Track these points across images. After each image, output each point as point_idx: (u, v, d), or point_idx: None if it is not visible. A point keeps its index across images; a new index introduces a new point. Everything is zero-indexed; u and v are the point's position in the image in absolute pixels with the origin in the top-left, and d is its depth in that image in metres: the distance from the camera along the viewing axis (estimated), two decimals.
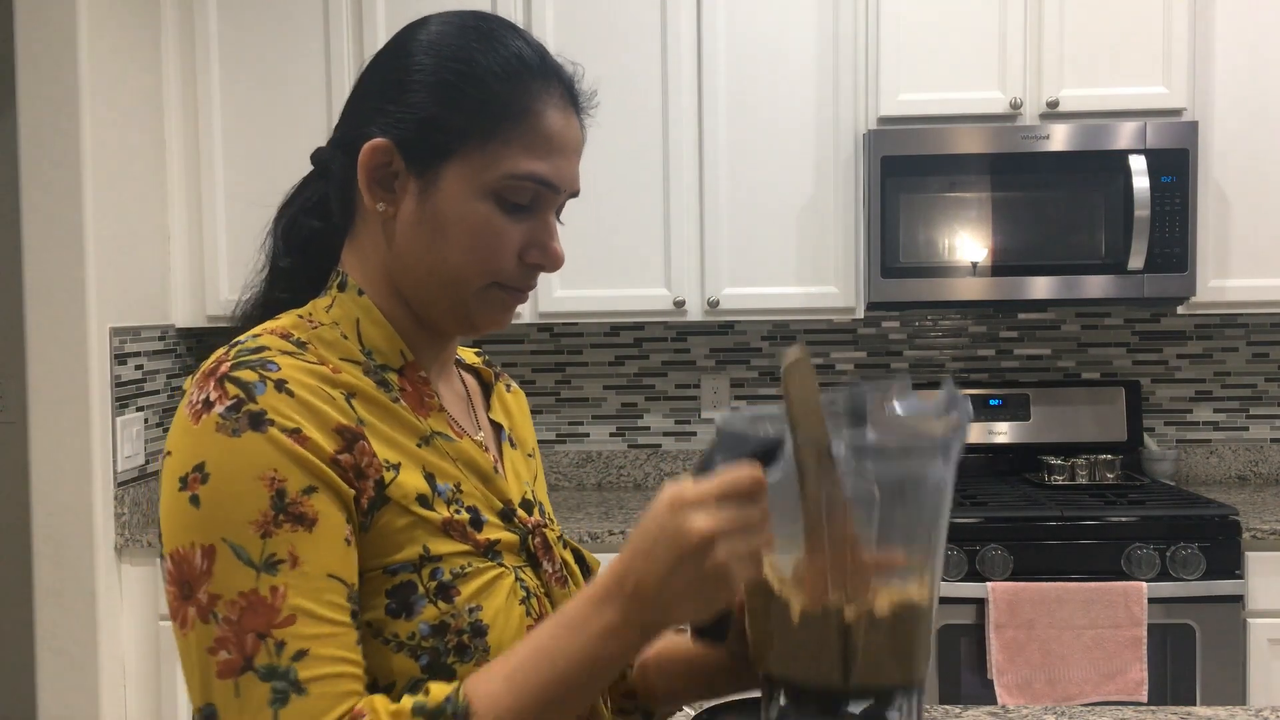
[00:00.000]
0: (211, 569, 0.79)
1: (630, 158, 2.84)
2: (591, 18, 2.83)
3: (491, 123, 0.89)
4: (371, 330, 0.93)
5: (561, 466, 3.23)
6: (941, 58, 2.78)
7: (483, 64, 0.90)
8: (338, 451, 0.84)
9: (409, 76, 0.91)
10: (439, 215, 0.90)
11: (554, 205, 0.94)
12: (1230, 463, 3.14)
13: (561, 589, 0.97)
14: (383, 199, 0.91)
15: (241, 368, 0.84)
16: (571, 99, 0.94)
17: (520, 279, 0.94)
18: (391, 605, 0.86)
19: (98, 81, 2.57)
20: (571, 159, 0.93)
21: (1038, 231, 2.72)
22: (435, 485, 0.90)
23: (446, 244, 0.90)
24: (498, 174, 0.89)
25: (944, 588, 2.50)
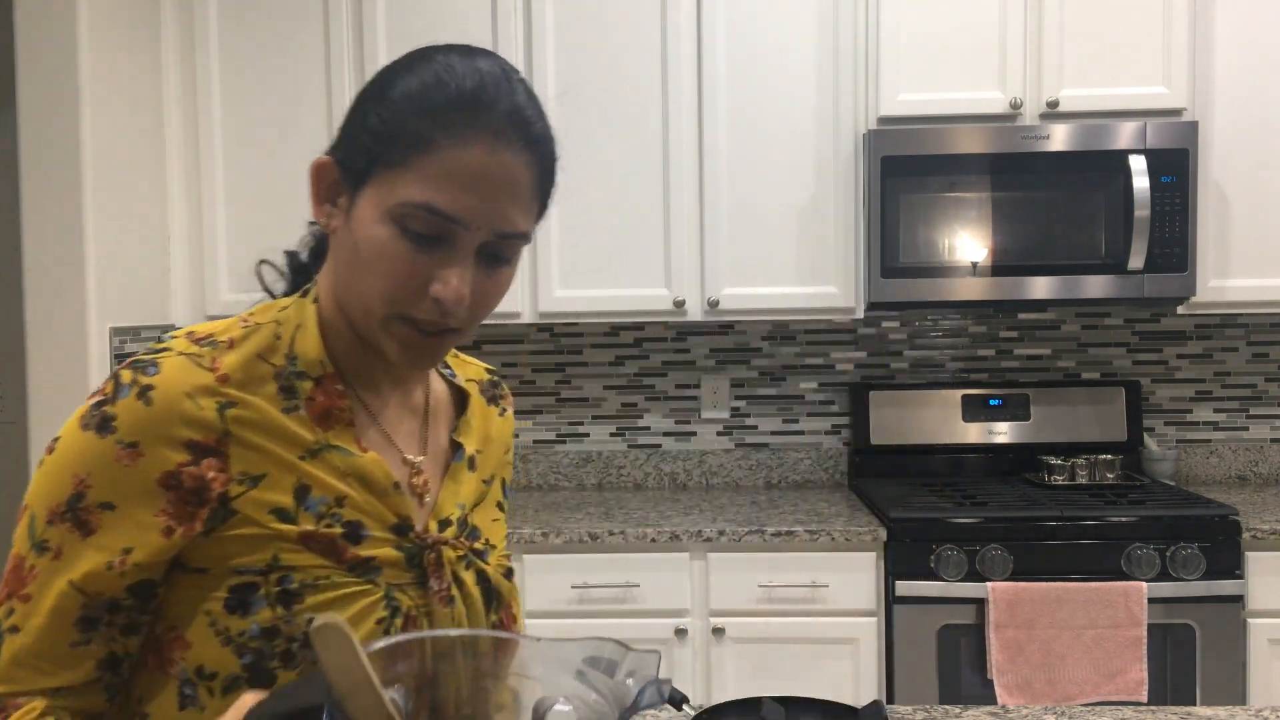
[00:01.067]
0: (20, 523, 0.91)
1: (630, 158, 2.84)
2: (592, 18, 2.83)
3: (400, 151, 0.89)
4: (303, 337, 0.96)
5: (561, 466, 3.23)
6: (941, 58, 2.78)
7: (403, 94, 0.90)
8: (180, 465, 0.89)
9: (366, 105, 0.93)
10: (354, 235, 0.92)
11: (469, 242, 0.90)
12: (1230, 463, 3.15)
13: (445, 608, 0.97)
14: (326, 213, 0.95)
15: (132, 366, 0.91)
16: (516, 134, 0.90)
17: (427, 314, 0.91)
18: (230, 600, 0.90)
19: (98, 81, 2.57)
20: (493, 198, 0.90)
21: (1038, 231, 2.72)
22: (306, 498, 0.92)
23: (360, 267, 0.91)
24: (396, 199, 0.89)
25: (945, 587, 2.50)
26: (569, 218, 2.86)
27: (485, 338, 3.24)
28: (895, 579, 2.53)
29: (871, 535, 2.55)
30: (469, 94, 0.89)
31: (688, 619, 2.60)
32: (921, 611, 2.52)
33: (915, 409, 3.08)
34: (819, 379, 3.22)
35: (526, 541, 2.59)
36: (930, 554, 2.51)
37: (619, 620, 2.59)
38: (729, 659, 2.59)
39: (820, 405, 3.22)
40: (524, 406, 3.25)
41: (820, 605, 2.58)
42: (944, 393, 3.09)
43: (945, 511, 2.58)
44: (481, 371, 1.16)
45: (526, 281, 2.88)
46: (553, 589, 2.60)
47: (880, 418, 3.09)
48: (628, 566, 2.60)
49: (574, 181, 2.86)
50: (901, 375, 3.20)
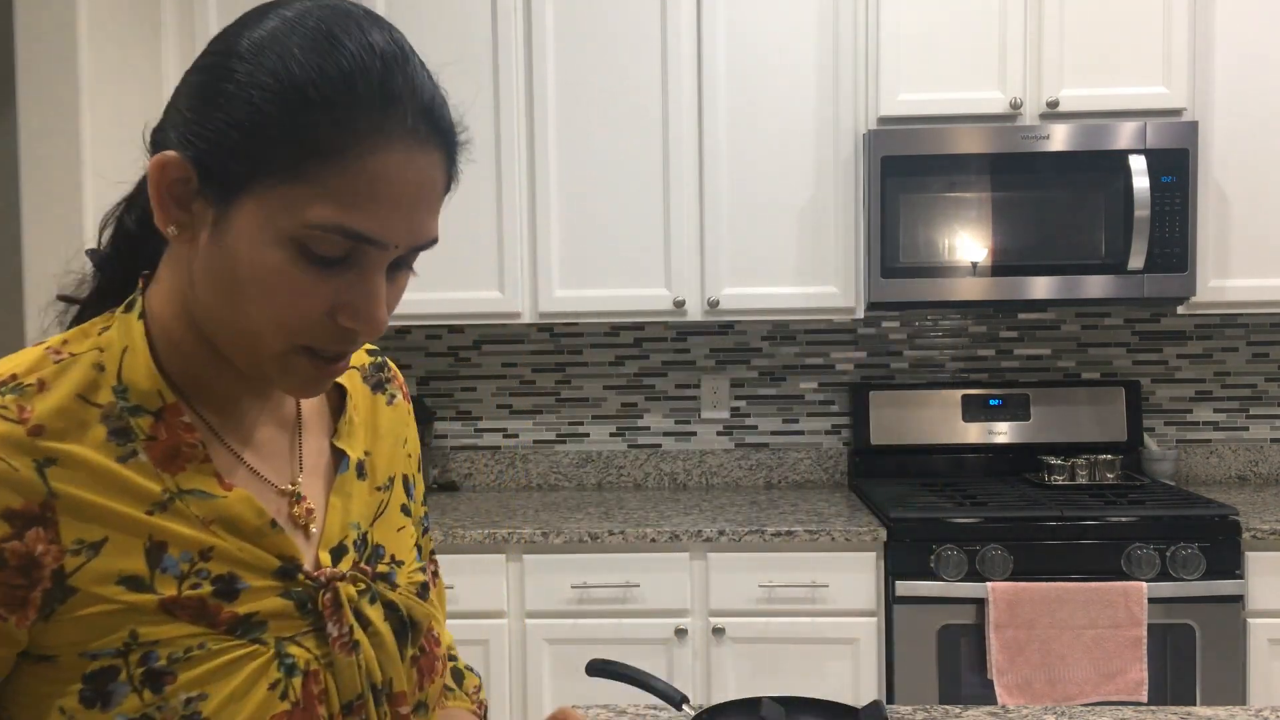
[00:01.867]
0: None
1: (630, 158, 2.84)
2: (591, 18, 2.83)
3: (298, 159, 0.72)
4: (133, 363, 0.80)
5: (561, 466, 3.23)
6: (941, 58, 2.78)
7: (298, 83, 0.72)
8: (3, 540, 0.72)
9: (221, 82, 0.74)
10: (230, 255, 0.75)
11: (381, 261, 0.76)
12: (1230, 463, 3.15)
13: (347, 656, 0.82)
14: (176, 220, 0.76)
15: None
16: (429, 131, 0.75)
17: (333, 342, 0.77)
18: (86, 692, 0.74)
19: (98, 81, 2.57)
20: (413, 208, 0.75)
21: (1038, 231, 2.72)
22: (162, 559, 0.77)
23: (239, 292, 0.75)
24: (298, 220, 0.73)
25: (945, 587, 2.50)
26: (569, 218, 2.86)
27: (485, 338, 3.24)
28: (895, 579, 2.53)
29: (871, 535, 2.55)
30: (376, 84, 0.73)
31: (688, 619, 2.60)
32: (921, 611, 2.52)
33: (915, 409, 3.09)
34: (819, 379, 3.22)
35: (526, 541, 2.59)
36: (930, 554, 2.52)
37: (619, 620, 2.59)
38: (729, 659, 2.59)
39: (820, 405, 3.22)
40: (524, 406, 3.25)
41: (820, 605, 2.58)
42: (944, 393, 3.09)
43: (945, 511, 2.58)
44: (362, 355, 0.99)
45: (526, 281, 2.88)
46: (553, 589, 2.60)
47: (880, 418, 3.09)
48: (628, 566, 2.60)
49: (574, 181, 2.86)
50: (901, 375, 3.20)
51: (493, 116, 2.83)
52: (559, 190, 2.86)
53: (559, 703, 2.61)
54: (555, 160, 2.85)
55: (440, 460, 3.25)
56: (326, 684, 0.81)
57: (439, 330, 3.25)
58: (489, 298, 2.86)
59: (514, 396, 3.25)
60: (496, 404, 3.25)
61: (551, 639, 2.61)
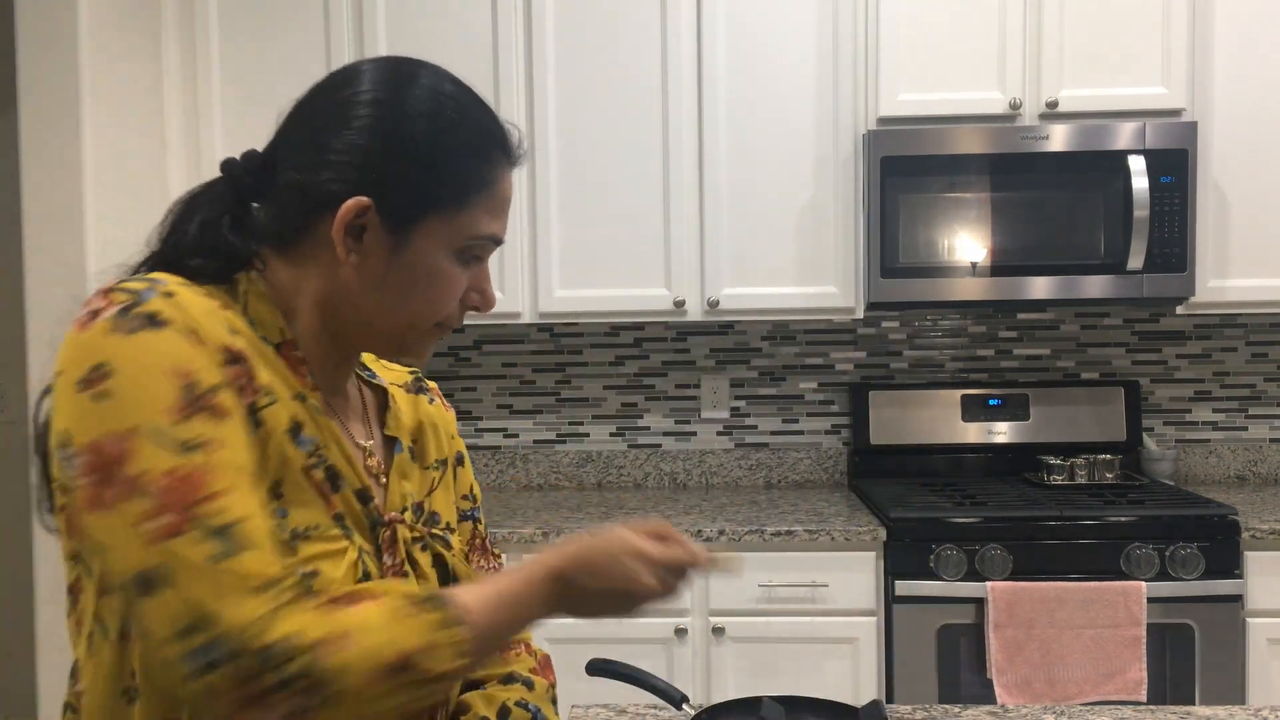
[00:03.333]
0: (132, 450, 0.81)
1: (630, 157, 2.84)
2: (591, 18, 2.84)
3: (465, 192, 0.98)
4: (257, 303, 0.97)
5: (561, 466, 3.23)
6: (941, 58, 2.78)
7: (462, 136, 0.98)
8: (225, 364, 0.88)
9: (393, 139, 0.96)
10: (410, 269, 0.97)
11: (491, 253, 1.04)
12: (1229, 462, 3.15)
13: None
14: (354, 249, 0.97)
15: (134, 279, 0.89)
16: (512, 160, 1.03)
17: (458, 319, 1.04)
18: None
19: (98, 81, 2.58)
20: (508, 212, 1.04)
21: (1037, 231, 2.72)
22: (300, 434, 0.93)
23: (410, 294, 0.98)
24: (465, 235, 0.98)
25: (944, 587, 2.50)
26: (569, 218, 2.86)
27: (485, 338, 3.25)
28: (895, 579, 2.53)
29: (871, 535, 2.56)
30: (501, 135, 1.01)
31: (687, 618, 2.60)
32: (921, 611, 2.52)
33: (915, 409, 3.09)
34: (819, 379, 3.22)
35: (527, 541, 2.60)
36: (930, 554, 2.52)
37: (619, 620, 2.58)
38: (729, 659, 2.59)
39: (820, 405, 3.22)
40: (524, 407, 3.25)
41: (820, 605, 2.58)
42: (944, 393, 3.09)
43: (945, 511, 2.58)
44: (404, 374, 1.19)
45: (526, 281, 2.88)
46: None
47: (880, 418, 3.09)
48: None
49: (574, 181, 2.86)
50: (901, 375, 3.20)
51: None
52: (559, 190, 2.86)
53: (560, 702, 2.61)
54: (555, 160, 2.85)
55: None
56: None
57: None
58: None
59: (514, 396, 3.25)
60: (496, 404, 3.25)
61: (552, 638, 2.61)
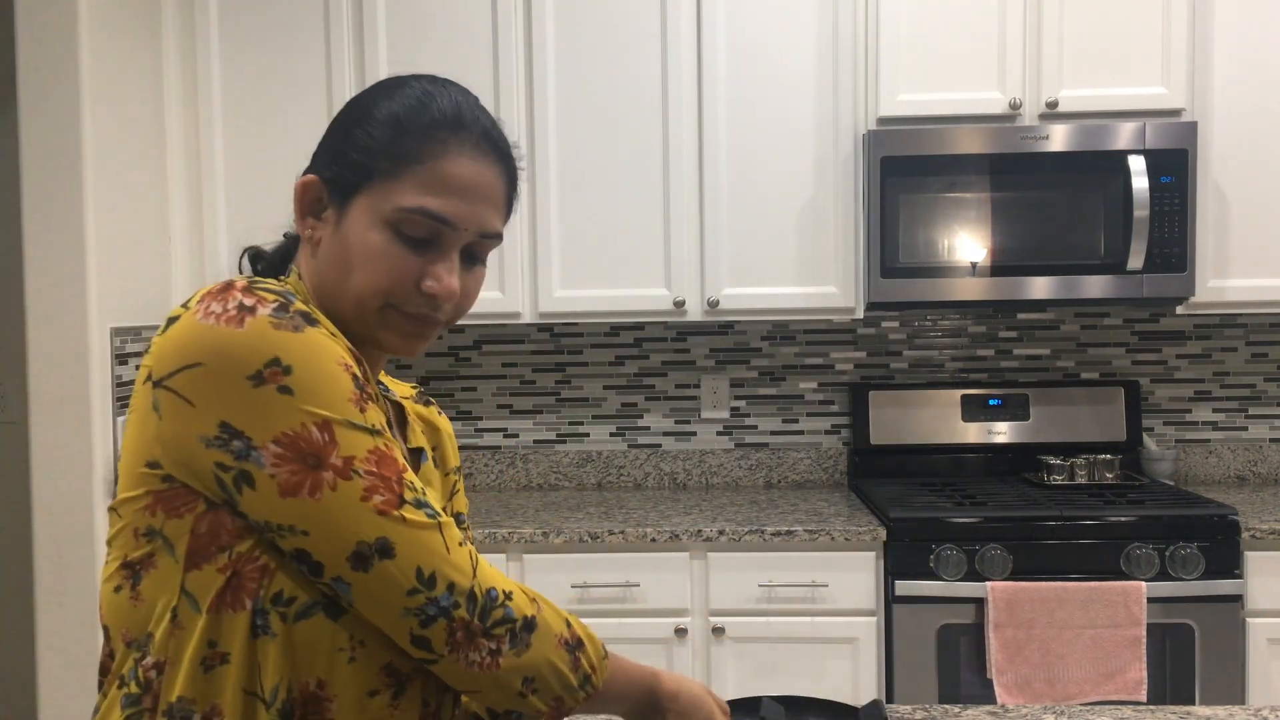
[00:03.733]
0: (335, 438, 0.90)
1: (630, 158, 2.84)
2: (591, 18, 2.84)
3: (392, 164, 1.00)
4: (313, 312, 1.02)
5: (561, 466, 3.23)
6: (941, 58, 2.79)
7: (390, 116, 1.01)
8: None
9: (352, 127, 1.03)
10: (346, 241, 1.01)
11: (456, 243, 1.02)
12: (1229, 462, 3.15)
13: None
14: (312, 226, 1.05)
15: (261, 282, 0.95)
16: (490, 148, 1.03)
17: (415, 304, 1.01)
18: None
19: (98, 81, 2.58)
20: (480, 203, 1.02)
21: (1037, 232, 2.72)
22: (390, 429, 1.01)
23: (350, 266, 1.00)
24: (392, 205, 0.99)
25: (944, 587, 2.50)
26: (569, 218, 2.86)
27: (485, 338, 3.25)
28: (895, 579, 2.54)
29: (871, 535, 2.56)
30: (450, 115, 1.01)
31: (688, 618, 2.61)
32: (921, 611, 2.52)
33: (915, 409, 3.09)
34: (819, 379, 3.22)
35: (527, 541, 2.60)
36: (930, 554, 2.52)
37: (619, 620, 2.59)
38: (729, 659, 2.59)
39: (820, 405, 3.22)
40: (524, 407, 3.25)
41: (820, 605, 2.58)
42: (943, 393, 3.09)
43: (945, 511, 2.58)
44: (410, 390, 1.23)
45: (526, 281, 2.88)
46: (553, 589, 2.60)
47: (880, 418, 3.09)
48: (628, 566, 2.60)
49: (574, 182, 2.86)
50: (901, 375, 3.20)
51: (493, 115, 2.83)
52: (559, 190, 2.86)
53: None
54: (555, 160, 2.85)
55: None
56: None
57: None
58: (489, 298, 2.87)
59: (514, 396, 3.25)
60: (496, 404, 3.25)
61: None
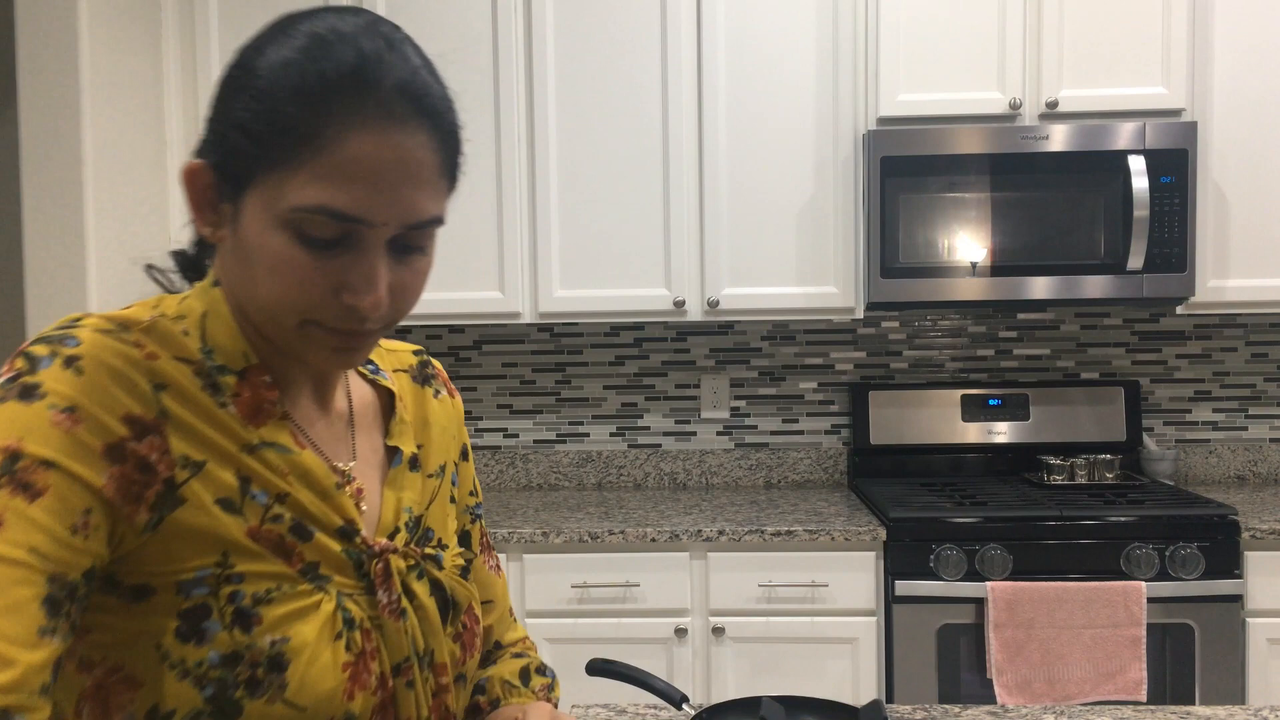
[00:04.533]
0: None
1: (630, 158, 2.84)
2: (592, 18, 2.84)
3: (286, 149, 0.78)
4: (216, 326, 0.88)
5: (561, 466, 3.23)
6: (941, 58, 2.79)
7: (272, 81, 0.79)
8: (123, 439, 0.79)
9: (230, 92, 0.82)
10: (244, 246, 0.82)
11: (377, 239, 0.81)
12: (1229, 462, 3.15)
13: (395, 621, 0.89)
14: (210, 222, 0.85)
15: (41, 343, 0.81)
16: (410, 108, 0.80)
17: (340, 319, 0.83)
18: (181, 629, 0.81)
19: (98, 81, 2.58)
20: (396, 185, 0.80)
21: (1037, 232, 2.72)
22: (249, 490, 0.84)
23: (253, 277, 0.82)
24: (286, 205, 0.79)
25: (944, 587, 2.51)
26: (569, 218, 2.86)
27: (485, 338, 3.25)
28: (895, 578, 2.54)
29: (871, 535, 2.56)
30: (348, 72, 0.78)
31: (688, 618, 2.61)
32: (921, 611, 2.52)
33: (915, 409, 3.09)
34: (819, 379, 3.22)
35: (527, 541, 2.60)
36: (930, 554, 2.52)
37: (619, 620, 2.59)
38: (729, 658, 2.59)
39: (820, 405, 3.22)
40: (524, 406, 3.25)
41: (820, 605, 2.58)
42: (943, 393, 3.09)
43: (945, 511, 2.58)
44: (408, 356, 1.06)
45: (527, 281, 2.88)
46: (553, 588, 2.60)
47: (880, 418, 3.09)
48: (628, 566, 2.60)
49: (574, 182, 2.86)
50: (901, 375, 3.20)
51: (493, 116, 2.84)
52: (559, 190, 2.86)
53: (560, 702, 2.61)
54: (555, 160, 2.85)
55: None
56: (378, 643, 0.88)
57: (439, 330, 3.26)
58: (489, 298, 2.87)
59: (514, 396, 3.25)
60: (497, 404, 3.25)
61: (552, 638, 2.61)
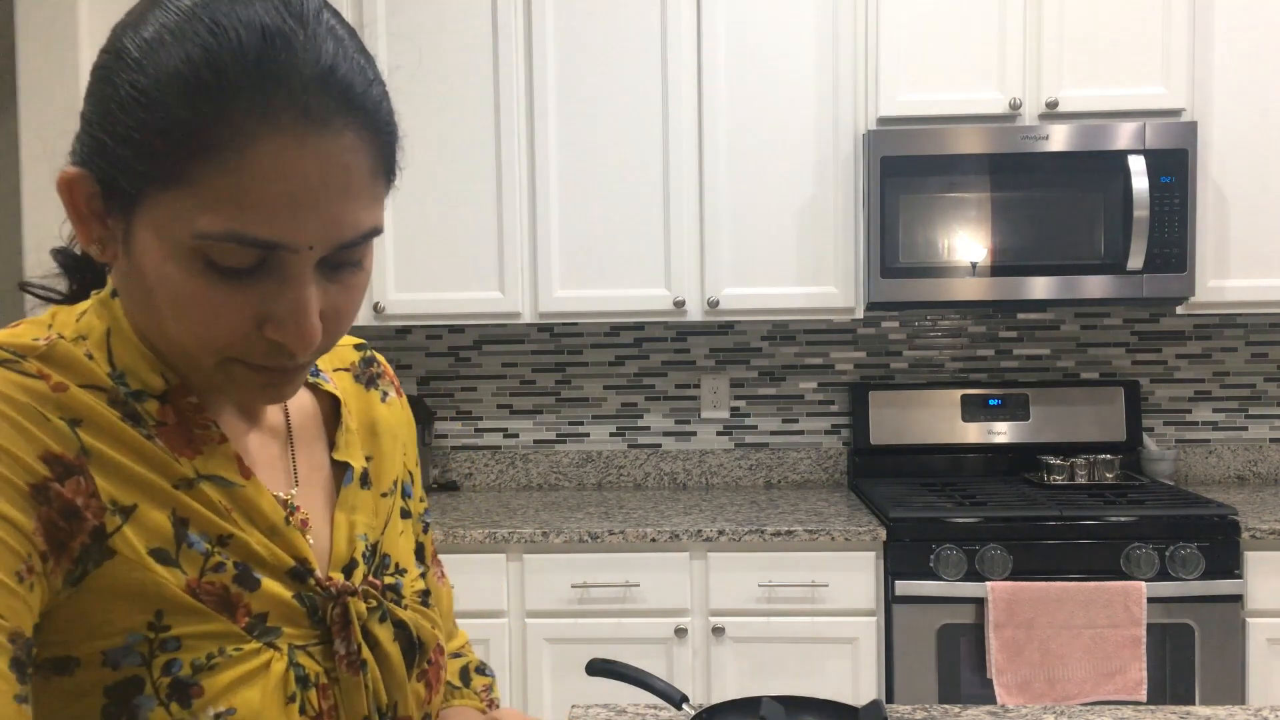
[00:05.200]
0: None
1: (630, 157, 2.84)
2: (592, 19, 2.84)
3: (178, 162, 0.64)
4: (122, 346, 0.73)
5: (561, 466, 3.23)
6: (941, 58, 2.79)
7: (167, 78, 0.64)
8: (46, 479, 0.66)
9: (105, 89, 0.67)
10: (140, 271, 0.69)
11: (303, 264, 0.68)
12: (1229, 462, 3.15)
13: (353, 676, 0.77)
14: (97, 238, 0.71)
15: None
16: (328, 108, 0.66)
17: (266, 356, 0.70)
18: (109, 707, 0.68)
19: None
20: (319, 201, 0.66)
21: (1037, 232, 2.72)
22: (186, 535, 0.71)
23: (156, 309, 0.69)
24: (188, 230, 0.65)
25: (945, 587, 2.51)
26: (569, 218, 2.86)
27: (485, 338, 3.25)
28: (895, 578, 2.54)
29: (871, 535, 2.56)
30: (252, 63, 0.63)
31: (688, 618, 2.61)
32: (921, 611, 2.52)
33: (915, 409, 3.09)
34: (819, 379, 3.22)
35: (527, 541, 2.60)
36: (930, 554, 2.52)
37: (619, 620, 2.59)
38: (729, 658, 2.59)
39: (820, 405, 3.22)
40: (524, 406, 3.25)
41: (820, 605, 2.58)
42: (943, 393, 3.09)
43: (945, 511, 2.58)
44: (349, 352, 0.93)
45: (526, 281, 2.88)
46: (552, 588, 2.60)
47: (880, 418, 3.09)
48: (628, 566, 2.60)
49: (574, 182, 2.86)
50: (901, 375, 3.20)
51: (493, 116, 2.84)
52: (559, 190, 2.86)
53: (560, 702, 2.62)
54: (555, 160, 2.85)
55: (440, 460, 3.26)
56: (336, 699, 0.77)
57: (439, 330, 3.26)
58: (489, 298, 2.87)
59: (514, 396, 3.25)
60: (497, 404, 3.25)
61: (552, 638, 2.61)
